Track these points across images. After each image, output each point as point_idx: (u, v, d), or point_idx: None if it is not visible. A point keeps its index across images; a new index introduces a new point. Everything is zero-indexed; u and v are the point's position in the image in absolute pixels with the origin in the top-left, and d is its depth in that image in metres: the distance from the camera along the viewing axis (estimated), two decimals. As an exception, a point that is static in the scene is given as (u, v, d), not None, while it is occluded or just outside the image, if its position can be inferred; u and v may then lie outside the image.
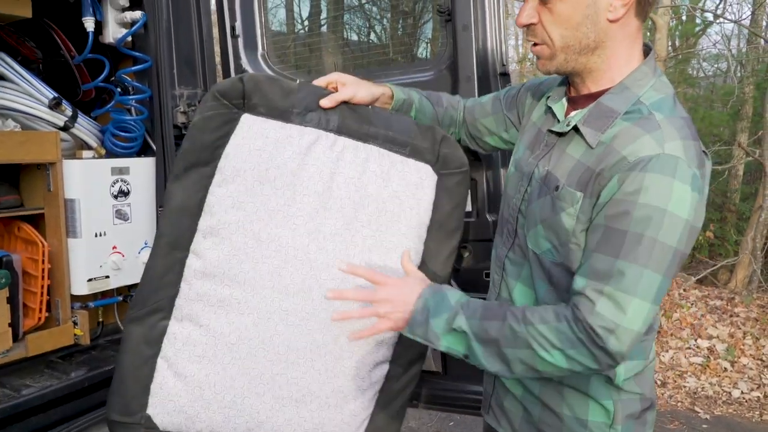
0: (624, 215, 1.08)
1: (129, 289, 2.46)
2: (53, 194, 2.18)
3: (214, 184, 1.55)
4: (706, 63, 14.67)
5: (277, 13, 2.85)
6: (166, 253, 1.56)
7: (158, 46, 2.35)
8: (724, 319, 5.57)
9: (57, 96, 2.24)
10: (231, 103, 1.53)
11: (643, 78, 1.20)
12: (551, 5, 1.17)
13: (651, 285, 1.08)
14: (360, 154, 1.55)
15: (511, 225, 1.39)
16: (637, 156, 1.09)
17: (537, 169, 1.31)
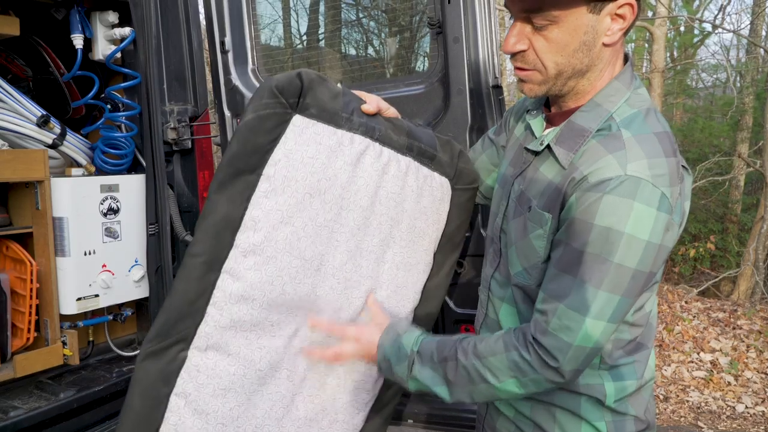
0: (581, 234, 1.06)
1: (119, 308, 2.43)
2: (41, 212, 2.15)
3: (259, 195, 1.34)
4: (705, 73, 14.70)
5: (267, 27, 2.84)
6: (201, 275, 1.33)
7: (148, 62, 2.34)
8: (726, 331, 5.51)
9: (45, 114, 2.22)
10: (288, 101, 1.34)
11: (616, 94, 1.16)
12: (546, 32, 1.10)
13: (606, 305, 1.06)
14: (401, 166, 1.45)
15: (496, 245, 1.35)
16: (598, 177, 1.06)
17: (512, 188, 1.29)
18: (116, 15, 2.41)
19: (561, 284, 1.08)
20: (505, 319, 1.32)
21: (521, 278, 1.23)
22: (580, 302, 1.06)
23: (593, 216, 1.05)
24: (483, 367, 1.15)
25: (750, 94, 10.80)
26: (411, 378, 1.25)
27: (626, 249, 1.04)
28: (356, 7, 2.83)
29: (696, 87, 14.77)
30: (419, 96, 2.13)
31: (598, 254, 1.04)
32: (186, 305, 1.33)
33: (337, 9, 2.77)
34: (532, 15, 1.11)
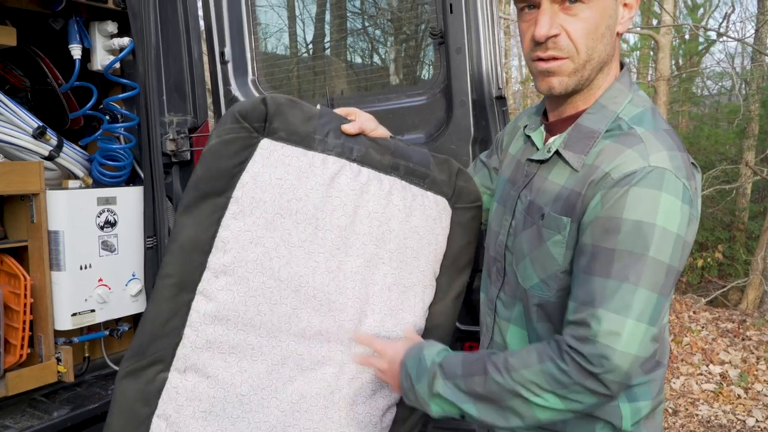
0: (611, 232, 1.02)
1: (116, 323, 2.39)
2: (36, 226, 2.11)
3: (228, 217, 1.38)
4: (710, 81, 14.65)
5: (267, 38, 2.81)
6: (172, 296, 1.37)
7: (147, 72, 2.31)
8: (736, 342, 5.43)
9: (42, 125, 2.18)
10: (252, 126, 1.38)
11: (619, 95, 1.16)
12: (578, 11, 1.07)
13: (646, 304, 1.00)
14: (384, 186, 1.44)
15: (499, 263, 1.31)
16: (621, 172, 1.04)
17: (519, 200, 1.25)
18: (115, 25, 2.38)
19: (595, 288, 1.02)
20: (512, 341, 1.27)
21: (538, 291, 1.18)
22: (620, 303, 0.99)
23: (621, 210, 1.01)
24: (516, 382, 1.06)
25: (756, 101, 10.74)
26: (433, 396, 1.16)
27: (660, 242, 1.00)
28: (360, 17, 2.80)
29: (701, 95, 14.71)
30: (421, 107, 2.09)
31: (632, 250, 1.00)
32: (158, 326, 1.36)
33: (339, 19, 2.74)
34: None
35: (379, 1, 2.63)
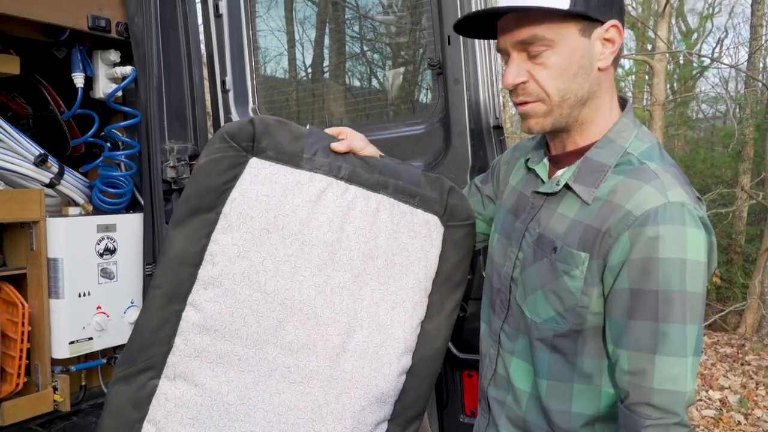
0: (648, 274, 1.03)
1: (114, 351, 2.38)
2: (36, 253, 2.12)
3: (217, 231, 1.44)
4: (705, 105, 14.80)
5: (267, 63, 2.84)
6: (162, 306, 1.42)
7: (148, 100, 2.33)
8: (735, 368, 5.42)
9: (43, 152, 2.20)
10: (240, 145, 1.44)
11: (626, 130, 1.18)
12: (543, 59, 1.11)
13: (693, 337, 1.03)
14: (371, 203, 1.48)
15: (504, 295, 1.30)
16: (643, 209, 1.04)
17: (527, 233, 1.24)
18: (118, 54, 2.40)
19: (644, 333, 1.03)
20: (516, 375, 1.27)
21: (552, 325, 1.17)
22: (676, 345, 1.02)
23: (656, 250, 1.02)
24: None
25: (750, 125, 10.84)
26: None
27: (694, 275, 1.02)
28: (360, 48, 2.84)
29: (696, 118, 14.84)
30: (420, 136, 2.11)
31: (673, 289, 1.02)
32: (149, 333, 1.42)
33: (338, 43, 2.77)
34: (526, 44, 1.12)
35: (379, 33, 2.66)
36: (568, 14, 1.08)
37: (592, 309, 1.12)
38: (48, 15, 2.10)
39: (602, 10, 1.09)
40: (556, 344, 1.18)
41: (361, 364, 1.45)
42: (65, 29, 2.21)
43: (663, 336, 1.02)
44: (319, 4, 2.87)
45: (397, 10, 2.53)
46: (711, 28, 16.31)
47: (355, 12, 2.69)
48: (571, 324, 1.14)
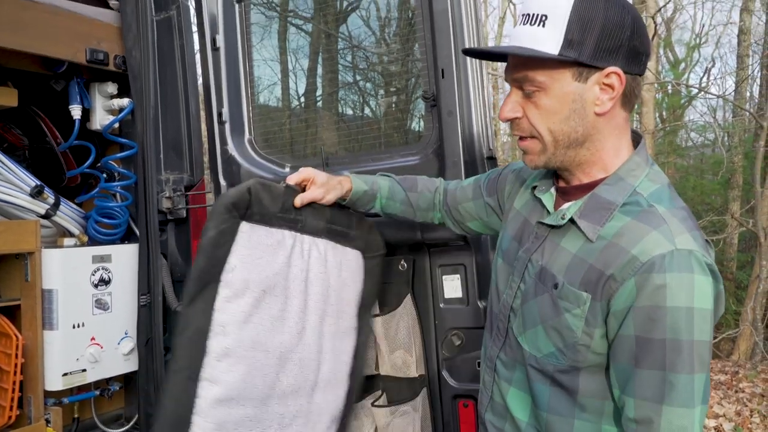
0: (655, 323, 1.02)
1: (107, 382, 2.36)
2: (30, 284, 2.11)
3: (221, 300, 1.44)
4: (694, 133, 14.98)
5: (263, 96, 2.88)
6: (186, 389, 1.39)
7: (145, 132, 2.35)
8: (729, 395, 5.41)
9: (39, 184, 2.21)
10: (238, 213, 1.48)
11: (637, 168, 1.16)
12: (536, 99, 1.13)
13: (701, 387, 1.02)
14: (320, 249, 1.64)
15: (502, 323, 1.31)
16: (649, 255, 1.03)
17: (530, 264, 1.24)
18: (115, 86, 2.43)
19: (652, 382, 1.03)
20: (513, 403, 1.27)
21: (552, 360, 1.17)
22: (683, 395, 1.01)
23: (663, 299, 1.01)
24: None
25: (739, 153, 10.97)
26: None
27: (701, 323, 1.01)
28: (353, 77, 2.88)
29: (686, 146, 15.01)
30: (414, 167, 2.13)
31: (680, 338, 1.01)
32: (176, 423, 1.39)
33: (333, 79, 2.81)
34: (521, 82, 1.14)
35: (373, 63, 2.71)
36: (561, 60, 1.08)
37: (593, 348, 1.11)
38: (46, 48, 2.13)
39: (601, 56, 1.08)
40: (557, 379, 1.17)
41: (326, 392, 1.63)
42: (63, 62, 2.24)
43: (670, 386, 1.01)
44: (312, 34, 2.92)
45: (390, 41, 2.58)
46: (698, 58, 16.64)
47: (349, 42, 2.74)
48: (571, 360, 1.14)
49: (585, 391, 1.15)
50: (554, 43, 1.07)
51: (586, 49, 1.07)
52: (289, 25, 2.87)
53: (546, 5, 1.09)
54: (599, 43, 1.07)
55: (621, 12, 1.08)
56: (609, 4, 1.08)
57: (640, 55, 1.12)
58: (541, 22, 1.09)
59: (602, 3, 1.07)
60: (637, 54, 1.11)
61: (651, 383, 1.03)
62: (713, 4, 20.74)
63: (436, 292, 2.10)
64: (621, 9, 1.09)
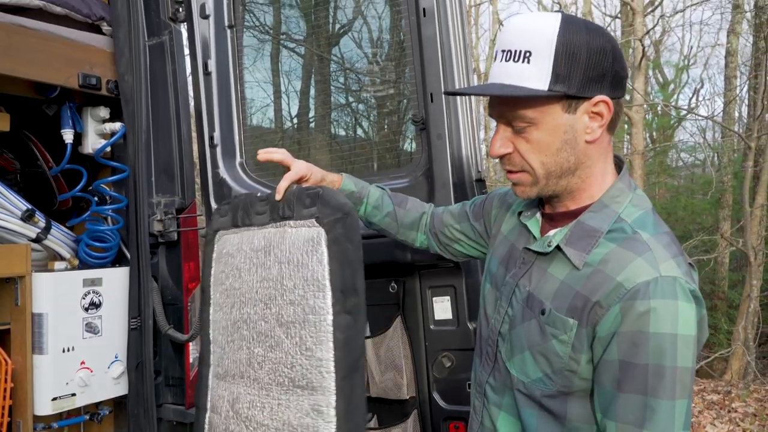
0: (639, 348, 1.03)
1: (97, 407, 2.34)
2: (20, 309, 2.11)
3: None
4: (684, 153, 15.14)
5: (255, 118, 2.90)
6: None
7: (137, 155, 2.36)
8: (722, 415, 5.40)
9: (30, 208, 2.21)
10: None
11: (620, 194, 1.17)
12: (527, 134, 1.13)
13: (682, 413, 1.03)
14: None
15: (491, 348, 1.31)
16: (634, 282, 1.04)
17: (518, 289, 1.24)
18: (107, 110, 2.45)
19: (633, 407, 1.03)
20: (503, 428, 1.26)
21: (540, 385, 1.17)
22: (664, 420, 1.01)
23: (647, 325, 1.02)
24: None
25: (728, 173, 11.07)
26: None
27: (684, 349, 1.02)
28: (344, 98, 2.91)
29: (676, 167, 15.15)
30: (404, 189, 2.15)
31: (663, 364, 1.01)
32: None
33: (325, 101, 2.84)
34: (510, 119, 1.14)
35: (364, 85, 2.74)
36: (550, 96, 1.08)
37: (580, 374, 1.12)
38: (39, 74, 2.15)
39: (588, 86, 1.09)
40: (545, 404, 1.18)
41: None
42: (56, 87, 2.26)
43: (651, 411, 1.02)
44: (304, 57, 2.96)
45: (382, 64, 2.62)
46: (687, 79, 16.86)
47: (341, 65, 2.77)
48: (559, 386, 1.15)
49: (573, 417, 1.15)
50: (542, 79, 1.07)
51: (574, 82, 1.08)
52: (281, 48, 2.90)
53: (528, 41, 1.08)
54: (586, 74, 1.08)
55: (602, 40, 1.09)
56: (591, 34, 1.09)
57: (622, 79, 1.14)
58: (526, 59, 1.08)
59: (584, 33, 1.08)
60: (620, 79, 1.13)
61: (633, 408, 1.03)
62: (701, 27, 21.09)
63: (426, 313, 2.11)
64: (601, 37, 1.10)
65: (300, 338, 1.51)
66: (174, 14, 2.44)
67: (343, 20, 2.76)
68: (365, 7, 2.76)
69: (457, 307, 2.07)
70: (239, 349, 1.63)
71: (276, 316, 1.57)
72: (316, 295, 1.51)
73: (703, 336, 1.08)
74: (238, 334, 1.64)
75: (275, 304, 1.57)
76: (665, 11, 13.17)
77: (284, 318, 1.54)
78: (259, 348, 1.59)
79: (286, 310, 1.55)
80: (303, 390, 1.50)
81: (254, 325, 1.61)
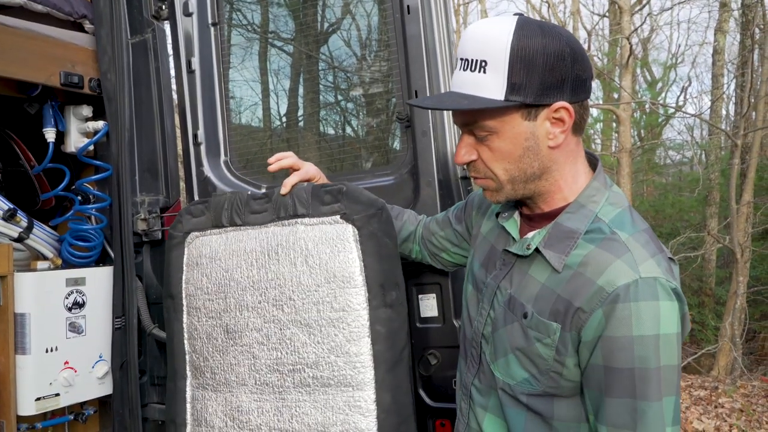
0: (622, 351, 1.04)
1: (81, 407, 2.32)
2: (3, 309, 2.08)
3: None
4: (671, 151, 15.24)
5: (240, 117, 2.89)
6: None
7: (120, 154, 2.34)
8: (709, 411, 5.44)
9: (12, 207, 2.19)
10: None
11: (597, 194, 1.17)
12: (489, 142, 1.13)
13: (671, 409, 1.04)
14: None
15: (475, 350, 1.31)
16: (614, 285, 1.05)
17: (499, 291, 1.24)
18: (90, 109, 2.43)
19: (622, 411, 1.04)
20: (489, 430, 1.27)
21: (526, 386, 1.18)
22: (654, 421, 1.02)
23: (630, 329, 1.03)
24: None
25: (715, 170, 11.16)
26: None
27: (668, 348, 1.03)
28: (332, 97, 2.91)
29: (664, 164, 15.25)
30: (390, 187, 2.15)
31: (648, 366, 1.02)
32: None
33: (313, 99, 2.84)
34: (471, 128, 1.14)
35: (352, 84, 2.74)
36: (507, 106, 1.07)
37: (566, 376, 1.12)
38: (20, 72, 2.13)
39: (546, 93, 1.07)
40: (531, 404, 1.18)
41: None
42: (37, 85, 2.24)
43: (641, 414, 1.02)
44: (290, 55, 2.95)
45: (369, 61, 2.62)
46: (675, 77, 16.96)
47: (328, 63, 2.77)
48: (546, 386, 1.15)
49: (560, 417, 1.16)
50: (498, 89, 1.06)
51: (531, 90, 1.06)
52: (265, 46, 2.89)
53: (483, 50, 1.07)
54: (543, 81, 1.06)
55: (558, 44, 1.07)
56: (546, 39, 1.06)
57: (584, 81, 1.12)
58: (482, 68, 1.07)
59: (539, 38, 1.06)
60: (582, 81, 1.11)
61: (622, 411, 1.04)
62: (688, 25, 21.22)
63: (412, 311, 2.11)
64: (557, 40, 1.07)
65: (328, 336, 1.48)
66: (157, 12, 2.42)
67: (331, 18, 2.75)
68: (352, 5, 2.75)
69: (442, 304, 2.07)
70: (238, 355, 1.56)
71: (291, 317, 1.52)
72: (348, 292, 1.48)
73: (685, 330, 1.09)
74: (233, 340, 1.57)
75: (290, 305, 1.52)
76: (653, 9, 13.26)
77: (305, 319, 1.50)
78: (267, 352, 1.53)
79: (308, 310, 1.50)
80: (335, 388, 1.46)
81: (259, 330, 1.54)
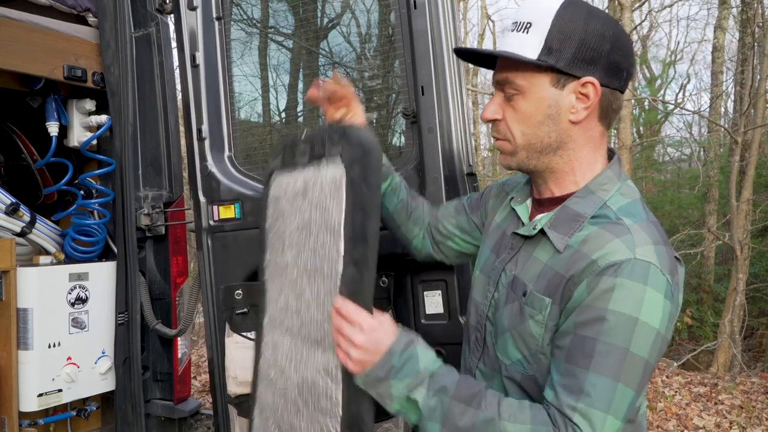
0: (594, 322, 1.03)
1: (84, 402, 2.32)
2: (5, 304, 2.07)
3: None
4: (671, 148, 15.24)
5: (243, 112, 2.87)
6: None
7: (123, 148, 2.33)
8: (709, 407, 5.45)
9: (14, 201, 2.18)
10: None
11: (608, 182, 1.18)
12: (514, 102, 1.17)
13: (623, 401, 1.02)
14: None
15: (479, 333, 1.31)
16: (607, 260, 1.04)
17: (504, 273, 1.26)
18: (93, 103, 2.42)
19: (576, 378, 1.03)
20: None
21: (519, 368, 1.18)
22: (600, 400, 1.01)
23: (607, 301, 1.02)
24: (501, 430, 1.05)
25: (714, 168, 11.16)
26: (406, 399, 1.11)
27: (641, 337, 1.01)
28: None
29: (663, 161, 15.25)
30: (395, 183, 2.14)
31: (613, 343, 1.01)
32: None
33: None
34: (503, 85, 1.18)
35: (354, 79, 2.72)
36: (538, 65, 1.12)
37: (549, 356, 1.12)
38: (23, 65, 2.11)
39: (578, 65, 1.11)
40: (525, 387, 1.18)
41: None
42: (40, 79, 2.22)
43: (590, 386, 1.01)
44: (293, 50, 2.93)
45: (371, 57, 2.60)
46: (674, 74, 16.96)
47: (330, 59, 2.75)
48: (534, 370, 1.15)
49: None
50: (534, 49, 1.12)
51: (563, 57, 1.11)
52: (269, 41, 2.87)
53: (532, 14, 1.14)
54: (577, 53, 1.11)
55: (602, 25, 1.12)
56: (591, 17, 1.12)
57: (620, 70, 1.15)
58: (526, 29, 1.13)
59: (584, 15, 1.12)
60: (618, 69, 1.14)
61: (573, 379, 1.03)
62: (688, 22, 21.23)
63: (417, 308, 2.10)
64: (603, 23, 1.13)
65: (318, 290, 1.39)
66: (161, 5, 2.41)
67: (332, 13, 2.73)
68: (354, 1, 2.74)
69: (448, 301, 2.06)
70: (280, 296, 1.53)
71: (303, 264, 1.45)
72: (333, 243, 1.36)
73: (668, 334, 1.06)
74: (279, 280, 1.54)
75: (304, 251, 1.45)
76: (653, 6, 13.24)
77: (308, 267, 1.42)
78: (292, 297, 1.48)
79: (311, 259, 1.41)
80: (317, 347, 1.38)
81: (289, 273, 1.50)
